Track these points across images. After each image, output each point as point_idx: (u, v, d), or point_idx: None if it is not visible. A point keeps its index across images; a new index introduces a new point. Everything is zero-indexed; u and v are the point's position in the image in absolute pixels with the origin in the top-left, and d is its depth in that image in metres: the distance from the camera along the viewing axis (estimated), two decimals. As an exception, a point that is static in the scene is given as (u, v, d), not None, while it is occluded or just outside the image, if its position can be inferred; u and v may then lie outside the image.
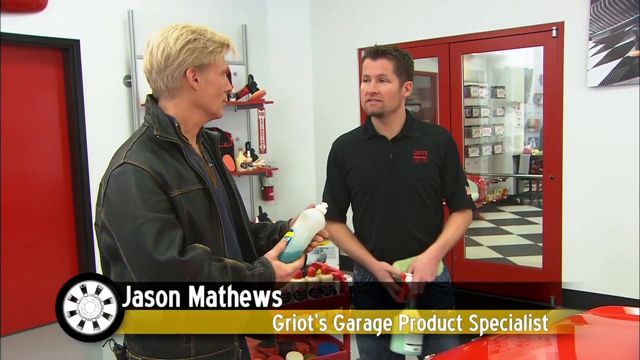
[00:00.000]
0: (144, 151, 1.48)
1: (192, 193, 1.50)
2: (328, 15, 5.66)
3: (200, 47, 1.51)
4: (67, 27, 4.29)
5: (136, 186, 1.42)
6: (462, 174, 2.21)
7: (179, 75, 1.51)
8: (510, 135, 8.72)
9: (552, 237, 4.58)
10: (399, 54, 2.09)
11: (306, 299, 2.55)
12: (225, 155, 5.03)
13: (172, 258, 1.38)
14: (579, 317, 2.14)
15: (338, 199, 2.25)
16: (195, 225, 1.49)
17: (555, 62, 4.43)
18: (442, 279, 2.16)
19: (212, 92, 1.56)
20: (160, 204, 1.43)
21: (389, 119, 2.13)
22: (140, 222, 1.39)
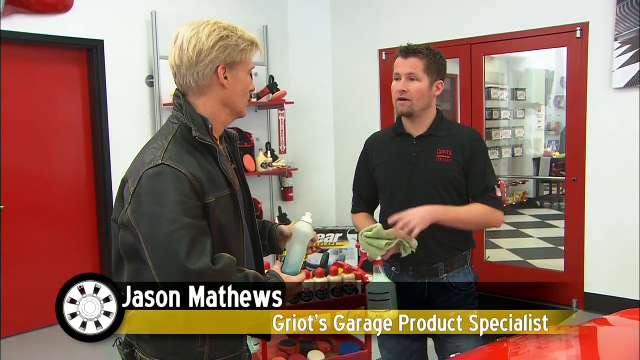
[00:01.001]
0: (181, 153, 1.43)
1: (222, 199, 1.47)
2: (349, 16, 5.67)
3: (233, 45, 1.49)
4: (92, 27, 4.35)
5: (173, 189, 1.37)
6: (491, 174, 2.14)
7: (210, 72, 1.47)
8: (530, 138, 8.64)
9: (574, 239, 4.53)
10: (430, 53, 2.08)
11: (328, 297, 2.56)
12: (245, 155, 5.06)
13: (205, 267, 1.35)
14: (602, 319, 2.11)
15: (362, 193, 2.30)
16: (223, 230, 1.47)
17: (579, 62, 4.38)
18: (462, 280, 2.13)
19: (240, 91, 1.54)
20: (195, 209, 1.39)
21: (418, 118, 2.12)
22: (175, 227, 1.35)
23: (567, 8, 4.37)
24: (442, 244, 2.09)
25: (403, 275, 2.15)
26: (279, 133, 5.54)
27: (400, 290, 2.12)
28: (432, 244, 2.08)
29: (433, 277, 2.10)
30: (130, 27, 4.58)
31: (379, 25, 5.43)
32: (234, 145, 1.70)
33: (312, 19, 5.83)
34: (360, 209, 2.30)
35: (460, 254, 2.14)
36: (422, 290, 2.11)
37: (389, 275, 2.17)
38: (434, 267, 2.10)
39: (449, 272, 2.11)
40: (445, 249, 2.10)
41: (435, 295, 2.11)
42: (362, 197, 2.30)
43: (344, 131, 5.81)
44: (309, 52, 5.83)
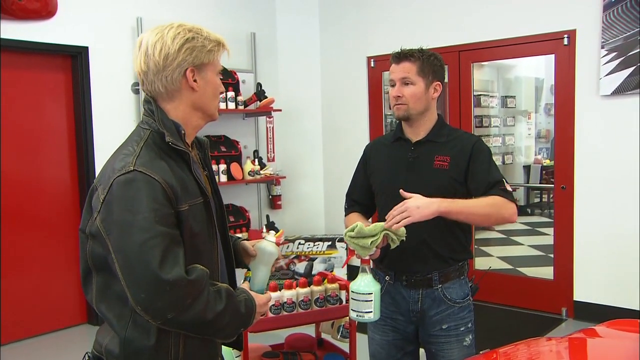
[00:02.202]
0: (153, 159, 1.38)
1: (195, 207, 1.42)
2: (337, 24, 5.65)
3: (199, 46, 1.44)
4: (76, 34, 4.30)
5: (146, 196, 1.32)
6: (497, 170, 2.02)
7: (179, 75, 1.43)
8: (521, 145, 8.65)
9: (563, 247, 4.51)
10: (423, 55, 2.04)
11: (311, 308, 2.50)
12: (233, 163, 5.01)
13: (179, 277, 1.30)
14: (591, 329, 2.07)
15: (356, 198, 2.26)
16: (196, 239, 1.42)
17: (566, 70, 4.38)
18: (457, 292, 2.05)
19: (210, 93, 1.50)
20: (169, 217, 1.34)
21: (416, 122, 2.06)
22: (148, 236, 1.29)
23: (555, 15, 4.37)
24: (437, 254, 2.03)
25: (397, 285, 2.09)
26: (268, 141, 5.51)
27: (394, 300, 2.10)
28: (427, 254, 2.02)
29: (427, 287, 2.04)
30: (116, 34, 4.53)
31: (367, 32, 5.42)
32: (205, 152, 1.64)
33: (301, 26, 5.81)
34: (353, 210, 2.25)
35: (457, 265, 2.06)
36: (416, 301, 2.06)
37: (382, 285, 2.12)
38: (428, 277, 2.03)
39: (444, 283, 2.04)
40: (440, 259, 2.03)
41: (429, 307, 2.05)
42: (356, 201, 2.25)
43: (333, 139, 5.78)
44: (298, 59, 5.81)
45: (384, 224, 1.88)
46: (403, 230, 1.91)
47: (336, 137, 5.74)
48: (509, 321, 4.53)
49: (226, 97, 4.88)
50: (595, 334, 2.02)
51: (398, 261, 2.03)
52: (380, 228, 1.89)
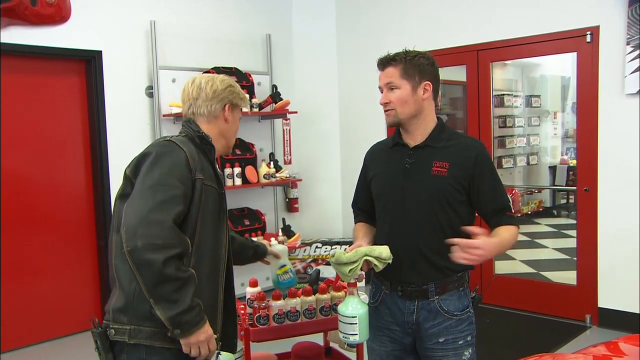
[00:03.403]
0: (185, 143, 1.78)
1: (210, 189, 1.78)
2: (353, 25, 5.57)
3: (237, 92, 1.94)
4: (90, 38, 4.31)
5: (171, 158, 1.69)
6: (502, 190, 1.98)
7: (220, 106, 1.89)
8: (547, 146, 8.45)
9: (587, 252, 4.35)
10: (407, 57, 1.93)
11: (317, 317, 2.43)
12: (248, 167, 4.97)
13: (165, 220, 1.58)
14: (614, 344, 1.95)
15: (361, 207, 2.20)
16: (206, 214, 1.75)
17: (589, 68, 4.22)
18: (455, 304, 1.96)
19: (235, 129, 1.96)
20: (185, 179, 1.68)
21: (411, 126, 1.98)
22: (159, 183, 1.62)
23: (577, 12, 4.22)
24: (433, 264, 1.94)
25: (393, 295, 2.01)
26: (284, 143, 5.45)
27: (390, 311, 2.04)
28: (422, 264, 1.94)
29: (423, 299, 1.95)
30: (129, 38, 4.53)
31: (384, 33, 5.32)
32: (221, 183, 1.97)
33: (317, 27, 5.75)
34: (359, 220, 2.20)
35: (455, 276, 1.96)
36: (411, 312, 1.98)
37: (377, 294, 2.07)
38: (424, 288, 1.95)
39: (441, 295, 1.95)
40: (436, 270, 1.94)
41: (425, 319, 1.96)
42: (362, 210, 2.20)
43: (351, 141, 5.70)
44: (314, 61, 5.75)
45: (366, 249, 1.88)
46: (388, 254, 1.87)
47: (353, 139, 5.65)
48: (531, 328, 4.39)
49: (240, 99, 4.84)
50: (619, 351, 1.90)
51: (394, 271, 1.95)
52: (361, 254, 1.86)
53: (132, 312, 1.66)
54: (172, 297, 1.58)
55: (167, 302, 1.58)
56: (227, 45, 5.11)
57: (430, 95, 1.97)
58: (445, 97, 7.03)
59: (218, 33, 5.04)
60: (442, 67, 2.05)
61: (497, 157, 6.84)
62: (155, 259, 1.54)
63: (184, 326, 1.60)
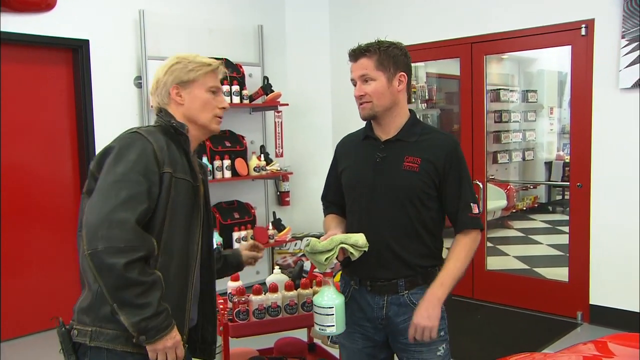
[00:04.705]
0: (154, 133, 1.66)
1: (182, 182, 1.66)
2: (347, 16, 5.50)
3: (180, 68, 1.75)
4: (77, 27, 4.23)
5: (136, 151, 1.57)
6: (469, 188, 1.94)
7: (165, 93, 1.76)
8: (543, 141, 8.40)
9: (579, 249, 4.30)
10: (381, 47, 1.88)
11: (298, 312, 2.38)
12: (237, 159, 4.90)
13: (127, 219, 1.48)
14: (603, 343, 1.90)
15: (330, 199, 2.15)
16: (177, 209, 1.63)
17: (584, 62, 4.16)
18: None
19: (197, 106, 1.76)
20: (151, 173, 1.57)
21: (385, 120, 1.93)
22: (121, 179, 1.52)
23: (571, 4, 4.15)
24: (402, 260, 1.89)
25: (362, 290, 1.96)
26: (276, 136, 5.38)
27: (359, 306, 1.98)
28: (391, 259, 1.89)
29: (392, 293, 1.91)
30: (117, 27, 4.45)
31: (378, 25, 5.24)
32: (205, 174, 1.88)
33: (311, 19, 5.67)
34: (330, 212, 2.14)
35: (425, 271, 1.92)
36: (381, 307, 1.92)
37: (346, 290, 2.02)
38: (393, 283, 1.90)
39: (410, 290, 1.90)
40: (405, 265, 1.89)
41: (395, 313, 1.91)
42: (331, 202, 2.14)
43: (343, 134, 5.56)
44: (307, 53, 5.67)
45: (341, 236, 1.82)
46: (364, 242, 1.82)
47: (346, 132, 5.52)
48: (522, 325, 4.34)
49: (230, 91, 4.77)
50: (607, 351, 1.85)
51: (362, 267, 1.90)
52: (337, 242, 1.80)
53: (95, 313, 1.57)
54: (135, 302, 1.48)
55: (131, 307, 1.48)
56: (218, 35, 5.03)
57: (404, 87, 1.93)
58: (441, 91, 6.97)
59: (209, 23, 4.96)
60: (436, 60, 2.00)
61: (492, 152, 6.79)
62: (116, 262, 1.45)
63: (150, 332, 1.51)
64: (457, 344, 2.05)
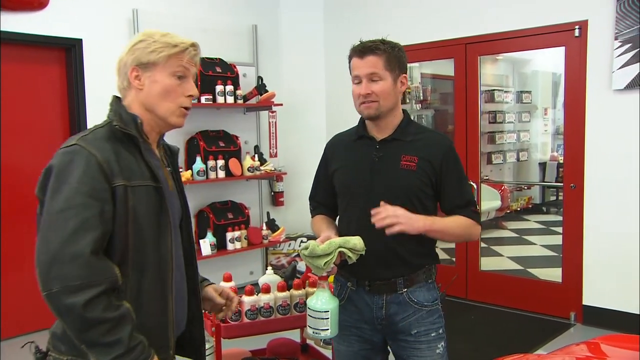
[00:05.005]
0: (99, 140, 1.45)
1: (141, 188, 1.47)
2: (341, 16, 5.49)
3: (142, 47, 1.51)
4: (70, 26, 4.21)
5: (79, 168, 1.38)
6: (467, 187, 1.96)
7: (125, 74, 1.53)
8: (537, 142, 8.42)
9: (573, 250, 4.30)
10: (388, 47, 1.87)
11: (290, 313, 2.37)
12: (231, 159, 4.88)
13: (81, 253, 1.32)
14: (595, 344, 1.90)
15: (320, 200, 2.13)
16: (141, 220, 1.45)
17: (578, 63, 4.17)
18: (424, 295, 1.92)
19: (158, 93, 1.52)
20: (100, 192, 1.39)
21: (384, 120, 1.92)
22: (68, 205, 1.35)
23: (565, 6, 4.16)
24: (401, 258, 1.89)
25: (360, 291, 1.94)
26: (270, 136, 5.37)
27: (357, 308, 1.97)
28: (390, 258, 1.89)
29: (391, 292, 1.90)
30: (111, 26, 4.43)
31: (372, 25, 5.23)
32: (175, 159, 1.72)
33: (305, 19, 5.66)
34: (318, 212, 2.12)
35: (423, 268, 1.93)
36: (380, 307, 1.92)
37: (343, 292, 2.00)
38: (392, 282, 1.90)
39: (409, 287, 1.90)
40: (404, 264, 1.89)
41: (395, 312, 1.91)
42: (320, 203, 2.12)
43: (337, 134, 5.62)
44: (301, 53, 5.66)
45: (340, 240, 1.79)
46: (362, 245, 1.80)
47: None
48: (516, 325, 4.34)
49: (224, 91, 4.76)
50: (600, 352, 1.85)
51: (360, 267, 1.87)
52: (335, 245, 1.78)
53: (70, 343, 1.44)
54: (103, 342, 1.34)
55: (100, 347, 1.34)
56: (212, 35, 5.02)
57: (405, 87, 1.95)
58: (436, 92, 6.97)
59: (203, 23, 4.94)
60: (430, 61, 1.99)
61: (486, 152, 6.80)
62: (74, 303, 1.30)
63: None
64: (451, 345, 2.04)
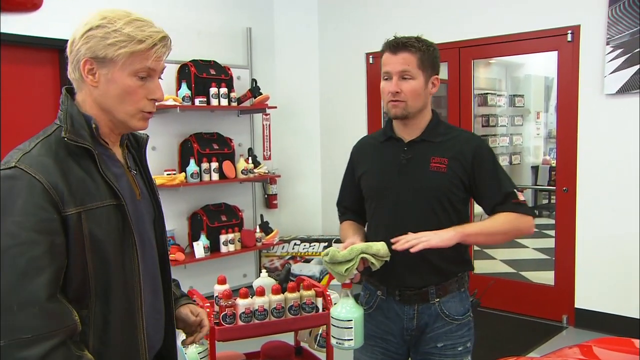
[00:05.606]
0: (44, 156, 1.23)
1: (100, 210, 1.26)
2: (336, 19, 5.51)
3: (99, 37, 1.25)
4: (64, 27, 4.18)
5: (22, 198, 1.17)
6: (506, 179, 1.84)
7: (77, 65, 1.27)
8: (529, 145, 8.48)
9: (565, 253, 4.33)
10: (423, 45, 1.79)
11: (285, 316, 2.37)
12: (225, 162, 4.88)
13: (32, 299, 1.14)
14: (588, 347, 1.92)
15: (347, 205, 2.08)
16: (101, 246, 1.25)
17: (570, 68, 4.20)
18: (456, 306, 1.85)
19: (116, 94, 1.28)
20: (48, 223, 1.18)
21: (412, 121, 1.84)
22: (12, 243, 1.15)
23: (558, 11, 4.19)
24: (433, 266, 1.81)
25: (389, 300, 1.89)
26: (264, 139, 5.38)
27: (386, 317, 1.91)
28: (421, 266, 1.81)
29: (422, 302, 1.84)
30: (105, 28, 4.41)
31: (366, 28, 5.27)
32: (141, 149, 1.48)
33: (299, 21, 5.67)
34: (346, 218, 2.05)
35: (455, 277, 1.85)
36: (411, 317, 1.86)
37: (372, 300, 1.94)
38: (424, 291, 1.83)
39: (442, 297, 1.84)
40: (436, 272, 1.81)
41: (425, 324, 1.85)
42: (348, 208, 2.07)
43: (331, 137, 5.64)
44: (295, 55, 5.67)
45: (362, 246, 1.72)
46: (386, 251, 1.74)
47: (334, 135, 5.59)
48: (508, 328, 4.36)
49: (218, 93, 4.76)
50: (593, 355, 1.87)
51: (390, 275, 1.82)
52: (357, 251, 1.72)
53: None
54: None
55: None
56: (206, 37, 5.02)
57: (436, 89, 1.86)
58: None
59: (197, 25, 4.94)
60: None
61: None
62: (27, 357, 1.13)
63: None
64: (444, 348, 2.03)
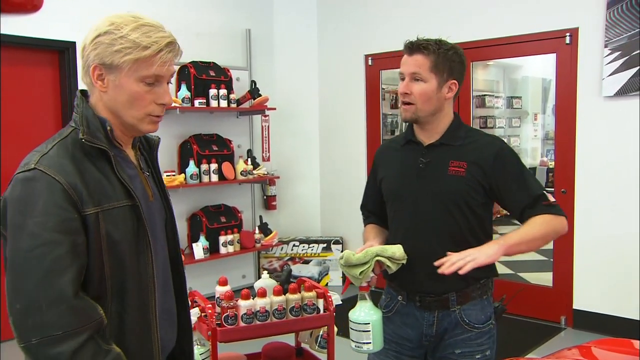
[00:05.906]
0: (62, 157, 1.26)
1: (116, 211, 1.29)
2: (335, 21, 5.52)
3: (107, 43, 1.28)
4: (63, 28, 4.20)
5: (43, 199, 1.20)
6: (533, 181, 1.80)
7: (88, 70, 1.32)
8: (527, 147, 8.50)
9: (563, 254, 4.35)
10: (440, 48, 1.75)
11: (286, 317, 2.38)
12: (224, 163, 4.89)
13: (60, 297, 1.17)
14: (587, 348, 1.93)
15: (370, 209, 2.09)
16: (118, 246, 1.29)
17: (568, 70, 4.22)
18: (478, 314, 1.82)
19: (124, 100, 1.31)
20: (69, 223, 1.21)
21: (428, 124, 1.83)
22: (36, 243, 1.18)
23: (557, 13, 4.21)
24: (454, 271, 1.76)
25: (410, 306, 1.87)
26: (263, 140, 5.39)
27: (405, 322, 1.90)
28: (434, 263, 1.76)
29: (443, 309, 1.81)
30: (105, 29, 4.42)
31: (365, 30, 5.28)
32: (152, 152, 1.52)
33: (298, 23, 5.69)
34: (370, 222, 2.06)
35: (478, 283, 1.81)
36: (431, 324, 1.84)
37: (392, 304, 1.93)
38: (444, 297, 1.80)
39: (463, 305, 1.81)
40: (456, 277, 1.72)
41: (444, 331, 1.83)
42: (371, 212, 2.07)
43: (330, 138, 5.65)
44: (295, 57, 5.69)
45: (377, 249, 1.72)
46: (402, 254, 1.74)
47: (333, 137, 5.61)
48: (507, 329, 4.36)
49: (218, 94, 4.77)
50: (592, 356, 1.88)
51: (410, 280, 1.82)
52: (372, 254, 1.72)
53: None
54: None
55: None
56: (206, 39, 5.03)
57: (452, 95, 1.83)
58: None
59: (196, 27, 4.95)
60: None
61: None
62: (60, 354, 1.16)
63: None
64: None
